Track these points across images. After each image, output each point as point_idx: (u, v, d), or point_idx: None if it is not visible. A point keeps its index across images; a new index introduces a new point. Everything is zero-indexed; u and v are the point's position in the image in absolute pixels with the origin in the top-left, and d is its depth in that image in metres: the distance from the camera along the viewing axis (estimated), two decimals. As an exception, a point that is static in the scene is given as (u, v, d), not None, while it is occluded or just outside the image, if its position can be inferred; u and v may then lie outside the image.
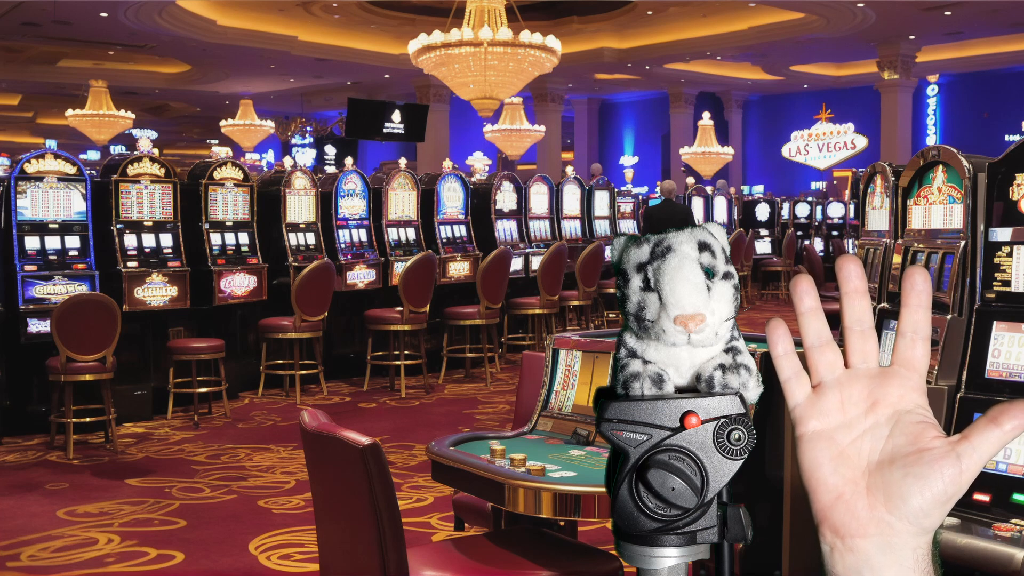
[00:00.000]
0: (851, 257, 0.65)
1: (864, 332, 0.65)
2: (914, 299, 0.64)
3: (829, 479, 0.63)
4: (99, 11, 14.78)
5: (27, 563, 4.34)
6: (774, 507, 2.71)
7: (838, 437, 0.63)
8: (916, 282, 0.63)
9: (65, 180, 6.93)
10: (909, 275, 0.64)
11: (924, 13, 15.94)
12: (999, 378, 2.51)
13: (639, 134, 26.01)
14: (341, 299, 8.54)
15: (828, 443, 0.63)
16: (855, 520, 0.62)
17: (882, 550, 0.61)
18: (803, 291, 0.65)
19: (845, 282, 0.65)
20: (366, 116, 17.56)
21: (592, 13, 17.43)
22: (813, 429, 0.64)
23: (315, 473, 2.76)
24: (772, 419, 2.65)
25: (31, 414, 6.81)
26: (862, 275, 0.65)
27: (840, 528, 0.62)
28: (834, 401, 0.64)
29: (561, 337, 3.43)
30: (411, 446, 6.35)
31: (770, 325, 0.66)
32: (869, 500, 0.62)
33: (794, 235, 15.99)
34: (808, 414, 0.64)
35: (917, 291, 0.63)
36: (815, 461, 0.64)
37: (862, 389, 0.64)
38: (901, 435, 0.62)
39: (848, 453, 0.63)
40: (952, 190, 2.82)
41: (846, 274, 0.65)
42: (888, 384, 0.63)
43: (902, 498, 0.60)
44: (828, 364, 0.65)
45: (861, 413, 0.63)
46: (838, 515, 0.62)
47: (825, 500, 0.63)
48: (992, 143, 16.56)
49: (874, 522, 0.61)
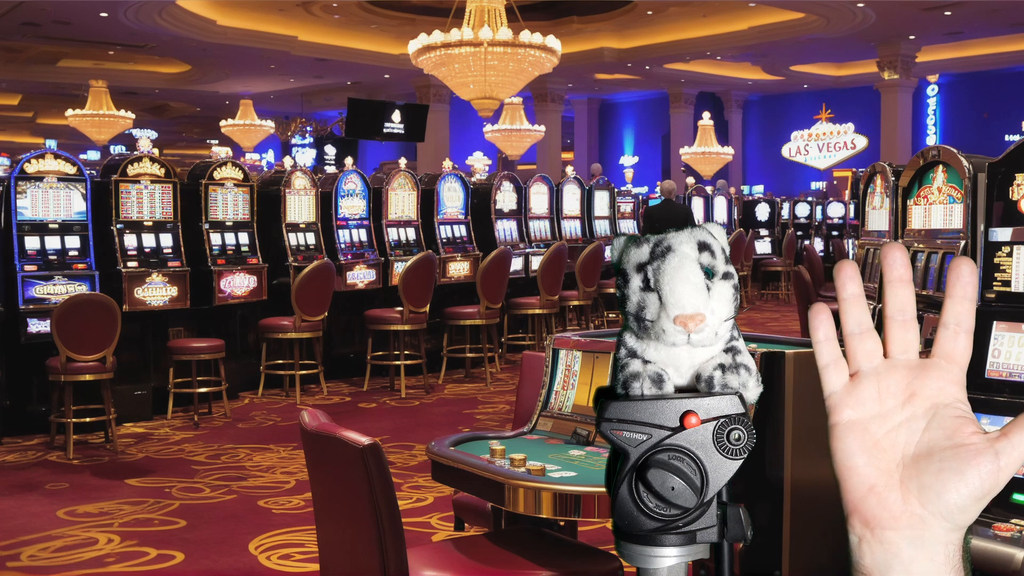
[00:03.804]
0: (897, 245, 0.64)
1: (906, 322, 0.63)
2: (959, 290, 0.62)
3: (862, 469, 0.62)
4: (99, 11, 14.78)
5: (27, 563, 4.34)
6: (774, 507, 2.71)
7: (873, 428, 0.62)
8: (963, 273, 0.62)
9: (65, 180, 6.93)
10: (956, 266, 0.62)
11: (924, 13, 15.94)
12: (999, 378, 2.51)
13: (639, 134, 26.00)
14: (341, 299, 8.54)
15: (863, 433, 0.62)
16: (887, 512, 0.61)
17: (913, 544, 0.60)
18: (847, 276, 0.64)
19: (890, 270, 0.63)
20: (366, 116, 17.56)
21: (592, 13, 17.43)
22: (848, 418, 0.63)
23: (315, 473, 2.76)
24: (772, 419, 2.64)
25: (31, 414, 6.81)
26: (907, 264, 0.64)
27: (871, 520, 0.61)
28: (871, 391, 0.63)
29: (561, 337, 3.43)
30: (411, 446, 6.35)
31: (813, 309, 0.65)
32: (902, 493, 0.61)
33: (794, 235, 15.99)
34: (844, 403, 0.63)
35: (963, 282, 0.62)
36: (848, 451, 0.63)
37: (900, 380, 0.63)
38: (938, 429, 0.61)
39: (883, 444, 0.62)
40: (952, 190, 2.82)
41: (890, 262, 0.63)
42: (927, 376, 0.62)
43: (937, 493, 0.59)
44: (867, 353, 0.64)
45: (898, 404, 0.62)
46: (870, 506, 0.61)
47: (857, 491, 0.62)
48: (992, 143, 16.55)
49: (907, 515, 0.60)
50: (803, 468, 2.66)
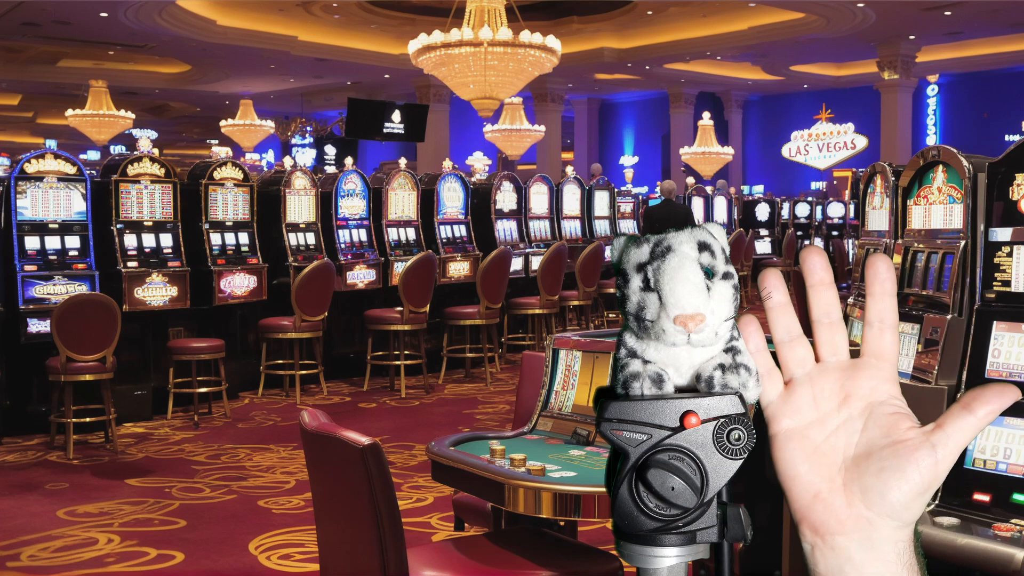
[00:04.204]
0: (815, 248, 0.64)
1: (832, 324, 0.63)
2: (878, 287, 0.62)
3: (805, 477, 0.62)
4: (99, 11, 14.78)
5: (27, 563, 4.34)
6: (774, 507, 2.71)
7: (812, 434, 0.62)
8: (879, 270, 0.62)
9: (65, 180, 6.93)
10: (871, 263, 0.62)
11: (924, 13, 15.95)
12: (999, 378, 2.51)
13: (639, 134, 26.01)
14: (341, 299, 8.54)
15: (802, 440, 0.62)
16: (834, 518, 0.61)
17: (863, 546, 0.60)
18: (771, 286, 0.64)
19: (810, 274, 0.63)
20: (366, 116, 17.56)
21: (592, 13, 17.43)
22: (786, 427, 0.63)
23: (315, 473, 2.76)
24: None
25: (31, 414, 6.81)
26: (827, 266, 0.64)
27: (820, 527, 0.61)
28: (806, 397, 0.63)
29: (561, 337, 3.43)
30: (411, 446, 6.35)
31: (742, 321, 0.64)
32: (847, 496, 0.60)
33: (794, 235, 16.00)
34: (781, 412, 0.63)
35: (880, 279, 0.62)
36: (790, 460, 0.62)
37: (833, 383, 0.62)
38: (875, 428, 0.61)
39: (823, 450, 0.62)
40: (952, 190, 2.82)
41: (810, 266, 0.63)
42: (859, 376, 0.62)
43: (880, 492, 0.59)
44: (799, 360, 0.63)
45: (834, 408, 0.62)
46: (817, 514, 0.61)
47: (803, 499, 0.62)
48: (992, 143, 16.55)
49: (853, 519, 0.60)
50: (803, 468, 2.66)
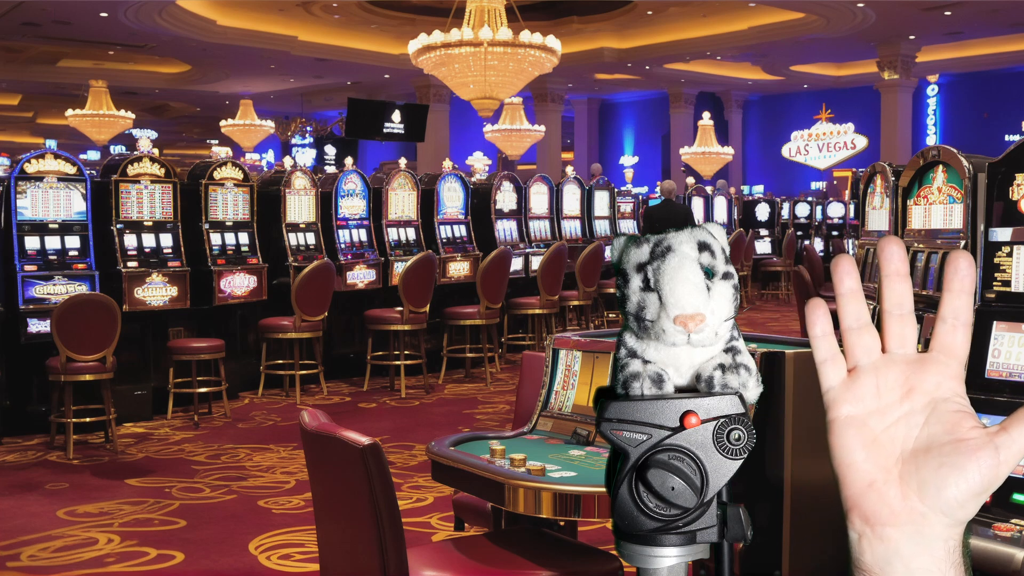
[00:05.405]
0: (893, 239, 0.64)
1: (903, 316, 0.63)
2: (956, 283, 0.62)
3: (861, 465, 0.61)
4: (99, 11, 14.78)
5: (27, 563, 4.34)
6: (774, 507, 2.71)
7: (872, 423, 0.62)
8: (960, 266, 0.61)
9: (65, 180, 6.93)
10: (953, 259, 0.62)
11: (924, 13, 15.95)
12: (999, 378, 2.51)
13: (639, 134, 26.00)
14: (341, 299, 8.54)
15: (861, 429, 0.62)
16: (887, 508, 0.60)
17: (913, 540, 0.60)
18: (844, 271, 0.63)
19: (886, 264, 0.63)
20: (366, 116, 17.56)
21: (592, 13, 17.43)
22: (847, 414, 0.62)
23: (315, 473, 2.76)
24: (772, 419, 2.64)
25: (31, 414, 6.81)
26: (904, 258, 0.63)
27: (871, 516, 0.61)
28: (869, 386, 0.62)
29: (561, 337, 3.43)
30: (411, 446, 6.35)
31: (809, 304, 0.64)
32: (902, 489, 0.60)
33: (794, 235, 15.99)
34: (842, 398, 0.63)
35: (960, 276, 0.61)
36: (847, 446, 0.62)
37: (899, 375, 0.62)
38: (937, 424, 0.60)
39: (882, 440, 0.61)
40: (952, 190, 2.82)
41: (887, 255, 0.63)
42: (925, 371, 0.62)
43: (937, 488, 0.59)
44: (865, 348, 0.63)
45: (896, 399, 0.62)
46: (869, 503, 0.61)
47: (856, 487, 0.62)
48: (992, 143, 16.55)
49: (906, 511, 0.60)
50: (803, 468, 2.66)
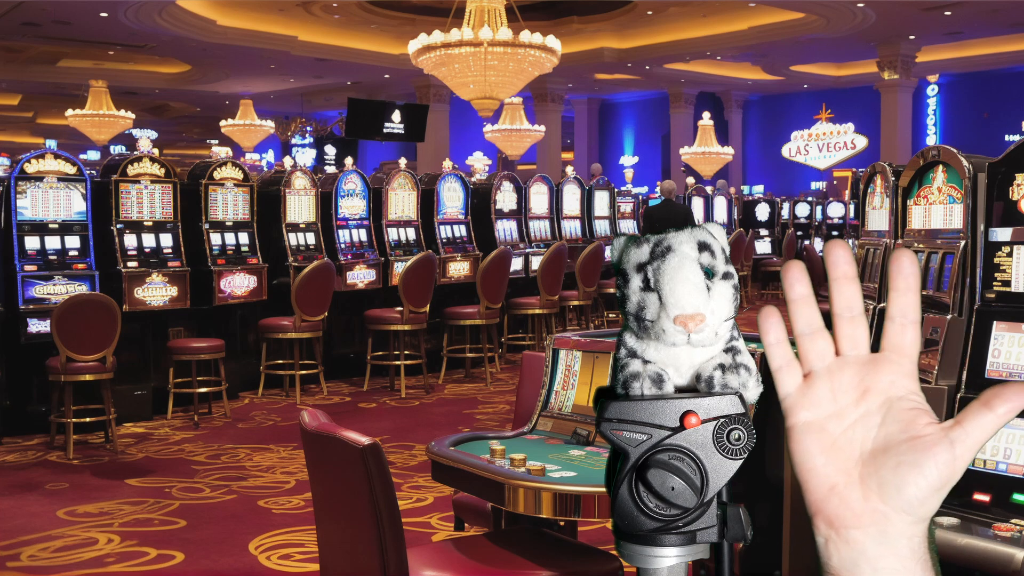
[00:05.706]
0: (839, 242, 0.64)
1: (854, 318, 0.63)
2: (901, 282, 0.62)
3: (822, 470, 0.62)
4: (99, 11, 14.78)
5: (27, 563, 4.34)
6: (774, 507, 2.71)
7: (830, 427, 0.62)
8: (903, 265, 0.62)
9: (65, 180, 6.93)
10: (896, 258, 0.62)
11: (924, 13, 15.94)
12: (999, 378, 2.51)
13: (639, 134, 26.00)
14: (341, 299, 8.54)
15: (820, 433, 0.62)
16: (849, 511, 0.61)
17: (878, 540, 0.60)
18: (794, 278, 0.64)
19: (833, 267, 0.63)
20: (366, 116, 17.56)
21: (592, 13, 17.43)
22: (804, 419, 0.63)
23: (315, 473, 2.76)
24: (772, 419, 2.64)
25: (31, 414, 6.81)
26: (851, 260, 0.63)
27: (835, 520, 0.61)
28: (825, 390, 0.63)
29: (561, 337, 3.43)
30: (411, 446, 6.35)
31: (762, 313, 0.65)
32: (863, 490, 0.60)
33: (794, 235, 15.99)
34: (799, 404, 0.63)
35: (905, 274, 0.62)
36: (807, 452, 0.62)
37: (852, 377, 0.62)
38: (893, 422, 0.61)
39: (840, 443, 0.62)
40: (952, 190, 2.82)
41: (834, 259, 0.63)
42: (878, 371, 0.62)
43: (896, 487, 0.59)
44: (818, 352, 0.63)
45: (852, 401, 0.62)
46: (832, 507, 0.61)
47: (818, 492, 0.62)
48: (992, 143, 16.55)
49: (869, 512, 0.60)
50: (803, 468, 2.66)
